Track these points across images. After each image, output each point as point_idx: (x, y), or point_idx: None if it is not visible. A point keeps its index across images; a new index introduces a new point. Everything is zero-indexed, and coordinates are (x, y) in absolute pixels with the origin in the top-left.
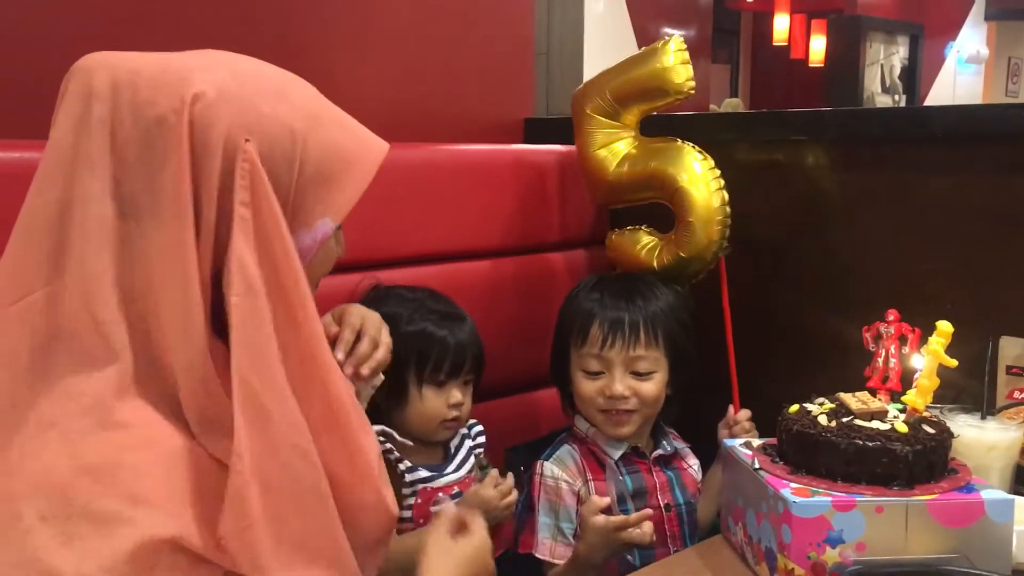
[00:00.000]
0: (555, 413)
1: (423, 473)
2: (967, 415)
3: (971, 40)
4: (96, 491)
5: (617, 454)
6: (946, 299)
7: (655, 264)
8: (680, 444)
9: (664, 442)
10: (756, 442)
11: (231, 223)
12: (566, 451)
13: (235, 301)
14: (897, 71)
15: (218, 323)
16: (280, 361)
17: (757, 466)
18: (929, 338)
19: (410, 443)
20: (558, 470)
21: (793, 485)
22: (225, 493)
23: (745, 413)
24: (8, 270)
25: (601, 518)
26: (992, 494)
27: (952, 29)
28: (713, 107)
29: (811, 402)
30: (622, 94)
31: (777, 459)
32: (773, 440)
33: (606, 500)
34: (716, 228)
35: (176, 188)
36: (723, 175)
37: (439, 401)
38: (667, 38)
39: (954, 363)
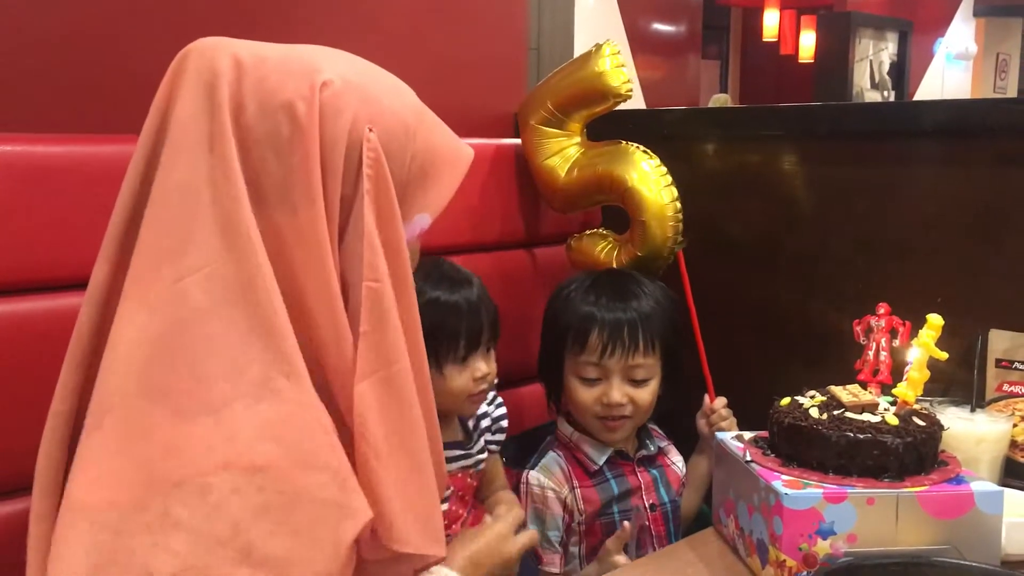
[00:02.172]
0: (537, 410)
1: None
2: (957, 408)
3: (959, 36)
4: (311, 478)
5: (602, 459)
6: (936, 292)
7: (615, 265)
8: (663, 442)
9: (648, 442)
10: (748, 435)
11: (350, 211)
12: (552, 459)
13: (375, 287)
14: (886, 67)
15: None
16: (405, 345)
17: (749, 459)
18: (919, 331)
19: None
20: (544, 478)
21: (784, 477)
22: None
23: (721, 401)
24: (160, 249)
25: (623, 558)
26: (982, 486)
27: (941, 25)
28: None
29: (802, 395)
30: (563, 103)
31: (768, 452)
32: (764, 433)
33: (628, 531)
34: (669, 224)
35: (307, 174)
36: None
37: (464, 377)
38: (599, 43)
39: (944, 356)
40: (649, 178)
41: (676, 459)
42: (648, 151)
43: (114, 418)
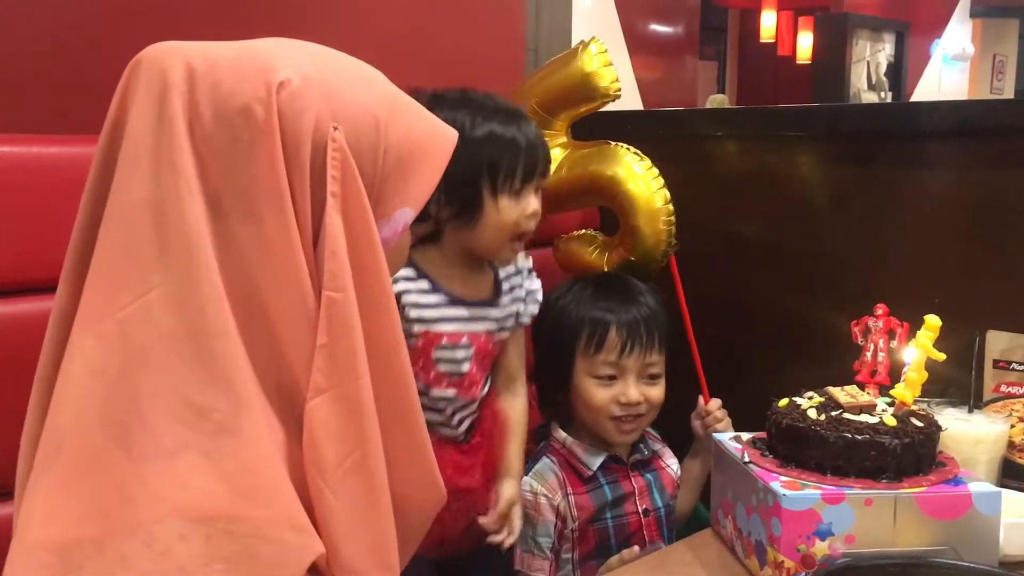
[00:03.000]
0: (532, 411)
1: (431, 313)
2: (955, 408)
3: (956, 37)
4: (260, 516)
5: (596, 465)
6: (934, 293)
7: (606, 267)
8: (657, 444)
9: (642, 445)
10: (746, 436)
11: (323, 215)
12: (546, 465)
13: (334, 297)
14: (883, 68)
15: None
16: (366, 360)
17: (747, 459)
18: (917, 332)
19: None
20: (537, 484)
21: (783, 478)
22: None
23: (715, 402)
24: (108, 274)
25: None
26: (980, 487)
27: (938, 26)
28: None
29: (800, 396)
30: (549, 103)
31: (767, 453)
32: (763, 434)
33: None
34: (662, 228)
35: (272, 182)
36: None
37: (516, 211)
38: (584, 40)
39: (942, 357)
40: (641, 180)
41: (671, 461)
42: (638, 152)
43: (66, 457)
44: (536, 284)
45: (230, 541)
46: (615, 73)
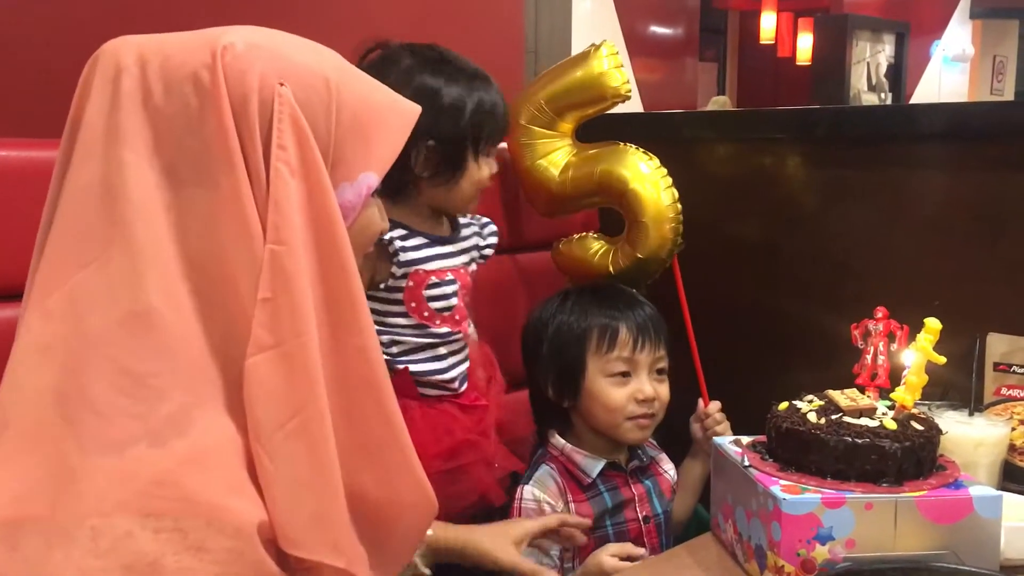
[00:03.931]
0: (528, 416)
1: (418, 254)
2: (955, 412)
3: (956, 38)
4: (202, 486)
5: (595, 471)
6: (934, 296)
7: (611, 268)
8: (655, 451)
9: (640, 451)
10: (746, 440)
11: None
12: (546, 472)
13: (276, 250)
14: (883, 69)
15: None
16: (314, 318)
17: (747, 463)
18: (917, 335)
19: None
20: (540, 492)
21: (783, 482)
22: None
23: (715, 405)
24: (58, 253)
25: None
26: (980, 491)
27: (938, 27)
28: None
29: (800, 399)
30: (558, 103)
31: (767, 456)
32: (762, 438)
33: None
34: (669, 226)
35: (223, 142)
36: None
37: (488, 169)
38: (596, 43)
39: (942, 360)
40: (649, 179)
41: (668, 467)
42: (647, 152)
43: (13, 432)
44: (485, 219)
45: (180, 537)
46: (625, 75)
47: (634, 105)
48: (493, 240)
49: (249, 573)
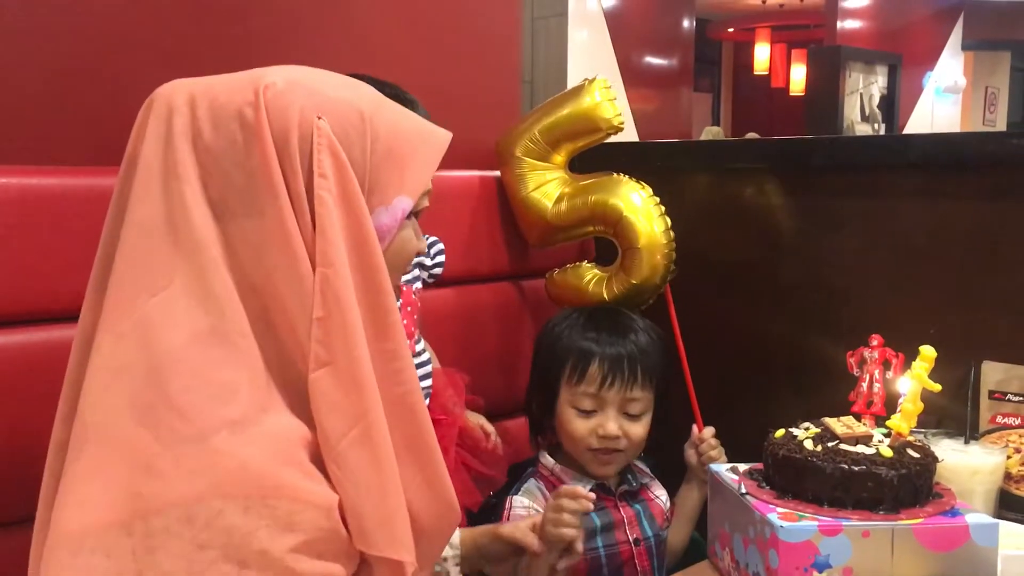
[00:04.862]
0: (525, 442)
1: None
2: (951, 439)
3: (949, 70)
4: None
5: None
6: (928, 324)
7: (606, 295)
8: (646, 478)
9: (630, 476)
10: (742, 467)
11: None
12: (533, 485)
13: (325, 273)
14: (876, 100)
15: None
16: (363, 333)
17: (744, 491)
18: (912, 363)
19: None
20: (529, 501)
21: (780, 510)
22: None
23: (709, 431)
24: (126, 282)
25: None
26: (977, 518)
27: (930, 59)
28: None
29: (797, 427)
30: (552, 135)
31: (763, 484)
32: (759, 465)
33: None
34: (662, 253)
35: (266, 174)
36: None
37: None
38: (589, 78)
39: (938, 388)
40: (642, 208)
41: (659, 493)
42: (641, 182)
43: (94, 446)
44: (433, 237)
45: (269, 513)
46: (618, 107)
47: (629, 135)
48: (440, 259)
49: (335, 544)
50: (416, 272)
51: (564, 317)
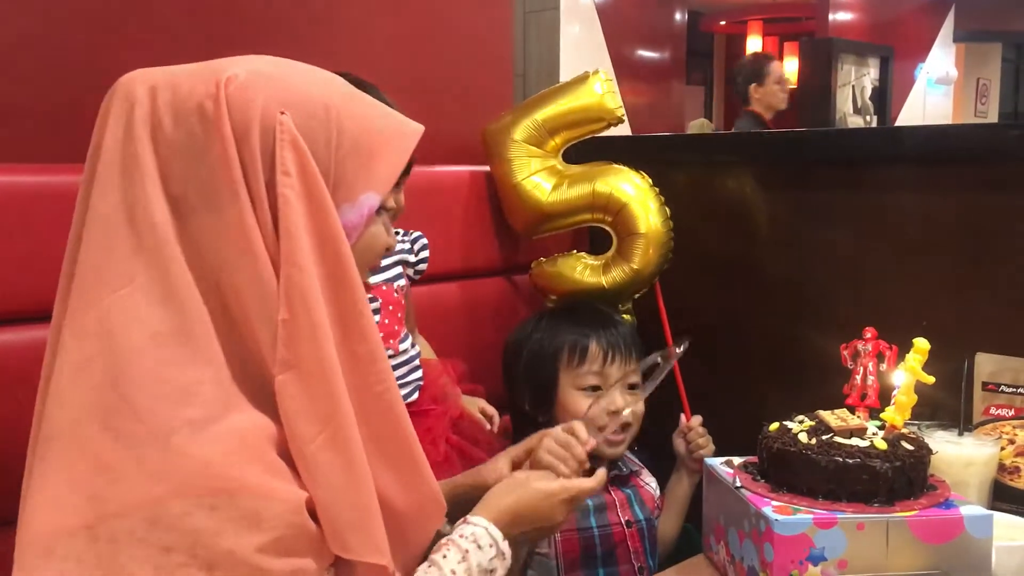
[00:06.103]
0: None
1: None
2: (945, 431)
3: (940, 62)
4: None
5: None
6: (922, 317)
7: (604, 283)
8: (636, 466)
9: (620, 463)
10: (737, 460)
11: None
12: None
13: (291, 273)
14: (868, 92)
15: None
16: (331, 334)
17: (738, 484)
18: (906, 355)
19: None
20: None
21: (774, 503)
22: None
23: (697, 419)
24: (89, 276)
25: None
26: (971, 510)
27: (922, 51)
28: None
29: (791, 420)
30: (554, 124)
31: (758, 477)
32: (754, 458)
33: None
34: (663, 240)
35: (226, 171)
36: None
37: (396, 200)
38: (590, 71)
39: (931, 380)
40: (644, 196)
41: (649, 480)
42: (641, 172)
43: (58, 445)
44: (416, 233)
45: (236, 511)
46: (619, 99)
47: (622, 128)
48: (424, 255)
49: (305, 539)
50: (399, 270)
51: (535, 325)
